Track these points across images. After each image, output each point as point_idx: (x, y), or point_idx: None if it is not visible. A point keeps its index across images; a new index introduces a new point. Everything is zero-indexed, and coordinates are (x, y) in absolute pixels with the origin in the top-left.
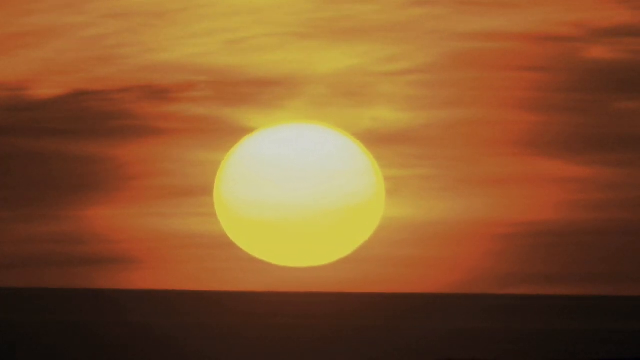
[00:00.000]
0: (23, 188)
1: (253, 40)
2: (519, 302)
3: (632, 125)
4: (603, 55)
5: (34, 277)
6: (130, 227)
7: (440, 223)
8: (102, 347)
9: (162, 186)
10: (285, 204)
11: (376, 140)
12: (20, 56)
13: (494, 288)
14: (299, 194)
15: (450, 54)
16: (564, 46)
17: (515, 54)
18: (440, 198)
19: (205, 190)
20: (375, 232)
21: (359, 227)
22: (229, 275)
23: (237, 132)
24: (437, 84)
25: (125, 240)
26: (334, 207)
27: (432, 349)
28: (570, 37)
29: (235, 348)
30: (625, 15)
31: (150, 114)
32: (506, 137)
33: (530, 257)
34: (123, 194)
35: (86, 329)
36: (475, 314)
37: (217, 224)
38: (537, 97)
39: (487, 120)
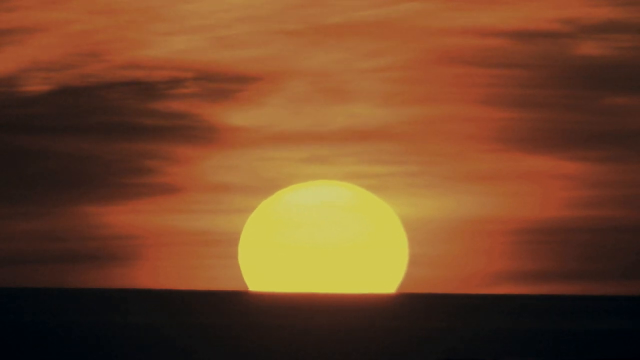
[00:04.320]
0: (10, 185)
1: (239, 37)
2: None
3: (622, 122)
4: (592, 51)
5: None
6: (119, 224)
7: (427, 221)
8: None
9: (149, 183)
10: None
11: (359, 137)
12: (6, 53)
13: (486, 287)
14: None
15: (436, 50)
16: (552, 43)
17: (504, 51)
18: (426, 195)
19: (192, 187)
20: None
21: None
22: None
23: (222, 129)
24: (423, 80)
25: (113, 237)
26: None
27: (432, 349)
28: (559, 34)
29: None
30: (614, 12)
31: (136, 111)
32: (494, 134)
33: (520, 255)
34: (109, 191)
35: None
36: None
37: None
38: (525, 94)
39: (475, 117)
